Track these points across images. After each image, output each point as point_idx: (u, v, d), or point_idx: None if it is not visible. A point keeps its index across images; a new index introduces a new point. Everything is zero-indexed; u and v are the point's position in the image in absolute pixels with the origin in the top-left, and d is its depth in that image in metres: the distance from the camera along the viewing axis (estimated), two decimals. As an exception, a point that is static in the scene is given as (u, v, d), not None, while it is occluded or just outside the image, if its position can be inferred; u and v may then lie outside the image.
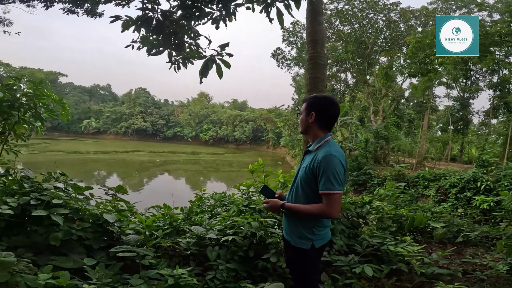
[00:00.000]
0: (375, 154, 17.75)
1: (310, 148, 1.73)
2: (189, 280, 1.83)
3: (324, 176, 1.52)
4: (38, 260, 1.92)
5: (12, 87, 4.24)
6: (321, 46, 3.33)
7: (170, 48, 2.55)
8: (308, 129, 1.73)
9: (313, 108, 1.71)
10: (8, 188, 2.37)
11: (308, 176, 1.62)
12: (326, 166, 1.52)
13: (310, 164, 1.61)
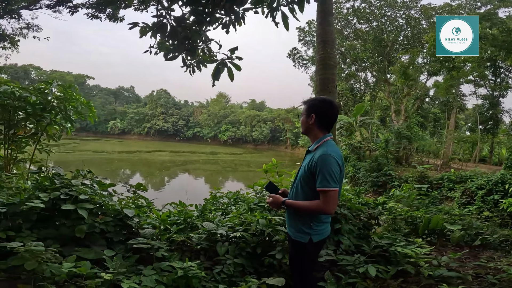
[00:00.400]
0: (396, 155, 17.17)
1: (310, 148, 1.84)
2: (197, 273, 1.96)
3: (321, 174, 1.62)
4: (64, 251, 2.13)
5: (44, 91, 4.65)
6: (331, 47, 3.32)
7: (183, 53, 2.70)
8: (309, 130, 1.83)
9: (313, 110, 1.80)
10: (40, 184, 2.63)
11: (307, 174, 1.71)
12: (323, 165, 1.62)
13: (309, 163, 1.71)
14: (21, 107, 4.31)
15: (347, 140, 17.99)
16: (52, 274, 1.67)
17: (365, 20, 18.22)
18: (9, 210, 2.20)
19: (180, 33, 2.55)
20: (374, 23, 18.19)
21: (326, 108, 1.80)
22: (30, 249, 1.67)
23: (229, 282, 2.12)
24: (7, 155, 4.71)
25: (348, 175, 16.98)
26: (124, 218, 2.53)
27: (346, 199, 3.16)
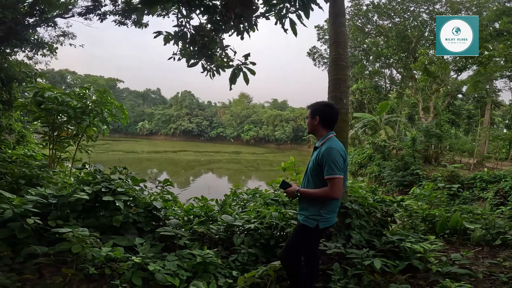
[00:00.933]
0: (425, 154, 16.44)
1: (317, 144, 2.10)
2: (214, 260, 2.21)
3: (327, 165, 1.88)
4: (102, 239, 2.48)
5: (83, 96, 5.18)
6: (343, 47, 3.35)
7: (202, 59, 2.96)
8: (314, 130, 2.13)
9: (317, 113, 2.11)
10: (83, 179, 3.02)
11: (315, 166, 1.98)
12: (328, 156, 1.89)
13: (317, 157, 1.98)
14: (64, 111, 4.84)
15: (370, 138, 17.52)
16: (92, 257, 1.98)
17: (386, 16, 17.57)
18: (58, 202, 2.58)
19: (199, 41, 2.81)
20: (396, 19, 17.48)
21: (327, 110, 2.10)
22: (78, 234, 2.00)
23: (242, 269, 2.34)
24: (52, 155, 5.31)
25: (372, 175, 16.58)
26: (153, 210, 2.85)
27: (358, 195, 3.26)
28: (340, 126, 3.14)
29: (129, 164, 26.50)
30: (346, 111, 3.36)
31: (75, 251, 1.98)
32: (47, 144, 5.34)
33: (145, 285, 2.03)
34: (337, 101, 3.23)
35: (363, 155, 18.46)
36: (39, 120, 5.23)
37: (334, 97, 3.27)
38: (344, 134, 3.24)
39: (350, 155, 19.98)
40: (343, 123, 3.23)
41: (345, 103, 3.33)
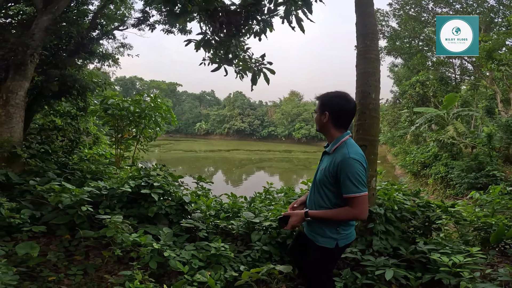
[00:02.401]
0: (505, 152, 13.93)
1: (327, 149, 1.69)
2: (228, 253, 2.37)
3: (347, 180, 1.50)
4: (139, 226, 2.87)
5: (139, 101, 5.96)
6: (371, 39, 3.15)
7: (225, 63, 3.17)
8: (324, 129, 1.70)
9: (327, 107, 1.65)
10: (132, 175, 3.53)
11: (327, 179, 1.59)
12: (347, 170, 1.50)
13: (329, 167, 1.59)
14: (124, 115, 5.65)
15: (435, 135, 15.59)
16: (122, 241, 2.34)
17: (444, 3, 15.38)
18: (109, 193, 3.10)
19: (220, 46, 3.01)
20: (457, 6, 15.16)
21: (341, 104, 1.64)
22: (112, 219, 2.39)
23: (252, 265, 2.45)
24: (118, 153, 6.25)
25: (437, 176, 14.75)
26: (184, 203, 3.18)
27: (390, 197, 3.04)
28: (369, 122, 3.02)
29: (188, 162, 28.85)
30: (376, 107, 3.15)
31: (109, 235, 2.37)
32: (113, 144, 6.32)
33: (161, 269, 2.32)
34: (366, 96, 3.09)
35: (426, 154, 16.56)
36: (107, 123, 6.21)
37: (362, 92, 3.12)
38: (373, 131, 3.06)
39: (412, 154, 18.13)
40: (372, 119, 3.06)
41: (374, 98, 3.14)
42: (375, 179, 2.92)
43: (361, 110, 3.03)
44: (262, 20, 2.94)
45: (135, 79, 65.81)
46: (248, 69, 3.09)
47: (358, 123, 3.05)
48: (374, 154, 2.97)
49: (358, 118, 3.05)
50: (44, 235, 2.93)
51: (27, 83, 5.01)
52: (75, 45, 5.73)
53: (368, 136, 2.97)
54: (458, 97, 15.60)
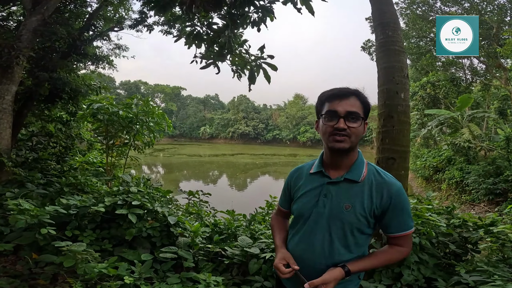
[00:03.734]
0: (525, 157, 13.14)
1: (349, 176, 1.15)
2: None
3: (404, 215, 1.13)
4: (114, 250, 2.40)
5: (130, 106, 5.51)
6: (392, 29, 2.65)
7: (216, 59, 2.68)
8: (355, 147, 1.18)
9: (367, 113, 1.17)
10: (110, 190, 3.06)
11: (366, 219, 1.12)
12: (404, 201, 1.12)
13: (369, 202, 1.12)
14: (113, 121, 5.20)
15: (449, 138, 14.88)
16: (84, 272, 1.86)
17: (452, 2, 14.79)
18: (79, 212, 2.62)
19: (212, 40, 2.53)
20: (465, 4, 14.55)
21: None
22: (71, 248, 1.91)
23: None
24: (109, 162, 5.80)
25: (452, 181, 14.00)
26: (169, 225, 2.68)
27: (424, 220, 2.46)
28: (398, 129, 2.44)
29: (193, 167, 28.74)
30: (406, 109, 2.54)
31: (67, 265, 1.92)
32: (104, 152, 5.87)
33: None
34: (392, 96, 2.52)
35: (439, 158, 15.84)
36: (97, 129, 5.77)
37: (387, 91, 2.56)
38: (404, 140, 2.46)
39: (423, 158, 17.43)
40: (402, 124, 2.48)
41: (404, 98, 2.54)
42: None
43: (387, 114, 2.47)
44: (261, 6, 2.44)
45: (140, 83, 66.13)
46: (245, 65, 2.59)
47: (384, 130, 2.47)
48: (404, 169, 2.41)
49: (383, 123, 2.48)
50: (14, 253, 2.66)
51: (15, 86, 4.71)
52: (66, 46, 5.37)
53: (397, 147, 2.41)
54: (472, 98, 14.89)
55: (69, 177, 3.85)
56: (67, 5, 6.02)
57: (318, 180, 1.20)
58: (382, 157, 2.41)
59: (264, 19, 2.58)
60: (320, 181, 1.19)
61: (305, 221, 1.18)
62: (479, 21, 14.92)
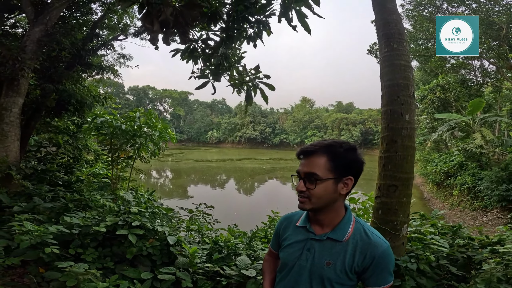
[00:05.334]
0: (540, 162, 12.70)
1: (332, 235, 1.12)
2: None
3: (385, 272, 1.10)
4: (116, 268, 2.43)
5: (133, 119, 5.59)
6: (398, 41, 2.50)
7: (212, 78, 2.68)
8: (332, 204, 1.11)
9: (353, 170, 1.09)
10: (112, 209, 3.11)
11: (347, 275, 1.10)
12: (389, 262, 1.09)
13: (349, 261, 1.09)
14: (116, 134, 5.29)
15: (460, 144, 14.53)
16: None
17: (458, 2, 14.50)
18: (82, 231, 2.66)
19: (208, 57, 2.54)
20: (473, 5, 14.24)
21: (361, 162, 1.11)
22: (73, 270, 1.94)
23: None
24: (114, 174, 5.87)
25: (464, 187, 13.63)
26: (168, 244, 2.70)
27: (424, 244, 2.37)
28: (402, 155, 2.31)
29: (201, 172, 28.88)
30: (411, 133, 2.39)
31: (69, 285, 1.94)
32: (109, 165, 5.96)
33: None
34: (396, 118, 2.38)
35: (450, 163, 15.46)
36: (102, 142, 5.87)
37: (391, 112, 2.41)
38: (407, 167, 2.33)
39: (433, 162, 17.06)
40: (406, 150, 2.33)
41: (409, 120, 2.38)
42: (406, 226, 2.28)
43: (390, 138, 2.35)
44: (256, 20, 2.41)
45: (148, 88, 67.01)
46: (241, 84, 2.57)
47: (386, 156, 2.36)
48: (407, 196, 2.30)
49: (385, 148, 2.37)
50: (22, 266, 2.71)
51: (21, 99, 4.78)
52: (70, 57, 5.48)
53: (399, 174, 2.30)
54: (484, 102, 14.53)
55: (74, 192, 3.92)
56: (73, 13, 6.10)
57: (304, 234, 1.18)
58: (384, 183, 2.32)
59: (260, 34, 2.55)
60: (305, 235, 1.17)
61: (289, 271, 1.18)
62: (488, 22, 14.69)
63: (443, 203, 14.54)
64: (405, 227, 2.24)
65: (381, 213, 2.29)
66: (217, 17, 2.50)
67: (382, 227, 2.21)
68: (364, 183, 14.71)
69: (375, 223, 2.30)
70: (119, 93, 57.52)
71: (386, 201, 2.29)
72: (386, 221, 2.25)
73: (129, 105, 53.88)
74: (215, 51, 2.52)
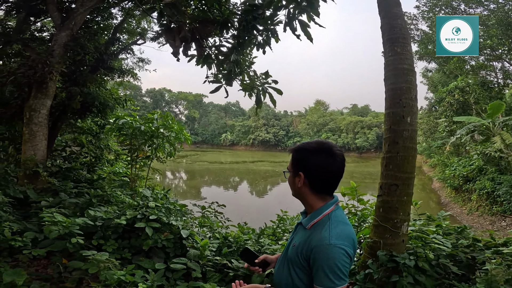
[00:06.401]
0: None
1: (304, 221, 1.25)
2: (221, 300, 2.03)
3: (320, 271, 1.13)
4: (132, 259, 2.66)
5: (151, 121, 5.90)
6: (402, 45, 2.58)
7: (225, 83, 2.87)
8: (299, 195, 1.27)
9: (301, 167, 1.22)
10: (131, 204, 3.36)
11: (299, 260, 1.21)
12: (322, 259, 1.12)
13: (302, 247, 1.20)
14: (136, 135, 5.61)
15: (479, 148, 14.06)
16: (106, 278, 2.10)
17: (477, 3, 14.06)
18: (104, 224, 2.92)
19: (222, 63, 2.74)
20: (491, 6, 13.76)
21: (322, 162, 1.19)
22: (95, 257, 2.17)
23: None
24: (133, 173, 6.21)
25: (482, 191, 13.17)
26: (182, 238, 2.90)
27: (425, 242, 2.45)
28: (403, 155, 2.43)
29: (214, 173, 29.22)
30: (412, 134, 2.51)
31: (91, 272, 2.17)
32: (129, 164, 6.31)
33: None
34: (398, 120, 2.50)
35: (469, 167, 14.98)
36: (123, 142, 6.23)
37: (394, 114, 2.54)
38: (408, 167, 2.44)
39: (452, 166, 16.55)
40: (407, 151, 2.45)
41: (410, 123, 2.51)
42: (407, 224, 2.38)
43: (391, 139, 2.47)
44: (264, 29, 2.60)
45: (164, 90, 68.68)
46: (251, 89, 2.76)
47: (388, 156, 2.48)
48: (407, 195, 2.40)
49: (387, 149, 2.49)
50: (46, 257, 2.93)
51: (49, 101, 5.05)
52: (94, 61, 5.79)
53: (400, 174, 2.41)
54: (504, 105, 14.00)
55: (97, 189, 4.22)
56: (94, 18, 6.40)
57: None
58: (385, 183, 2.43)
59: (269, 41, 2.74)
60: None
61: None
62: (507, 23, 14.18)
63: (461, 208, 14.08)
64: (405, 225, 2.33)
65: (382, 211, 2.40)
66: (229, 24, 2.71)
67: (383, 224, 2.32)
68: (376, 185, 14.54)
69: (377, 220, 2.41)
70: (137, 95, 59.25)
71: (387, 200, 2.40)
72: (387, 219, 2.35)
73: (146, 107, 55.44)
74: (227, 57, 2.71)
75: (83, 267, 2.52)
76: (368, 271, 2.21)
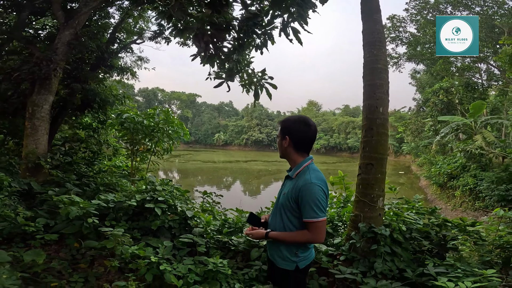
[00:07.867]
0: (541, 164, 12.84)
1: (290, 173, 1.70)
2: (225, 270, 2.34)
3: (307, 205, 1.54)
4: (142, 238, 2.93)
5: (152, 116, 6.15)
6: (378, 48, 2.99)
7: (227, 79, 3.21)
8: (286, 154, 1.72)
9: (287, 132, 1.68)
10: (140, 188, 3.63)
11: (289, 203, 1.61)
12: (308, 195, 1.53)
13: (291, 191, 1.61)
14: (138, 129, 5.85)
15: (461, 145, 14.74)
16: (121, 253, 2.39)
17: (463, 6, 14.79)
18: (116, 206, 3.20)
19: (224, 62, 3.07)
20: (476, 9, 14.50)
21: (302, 129, 1.66)
22: (113, 232, 2.46)
23: (249, 284, 2.39)
24: (133, 166, 6.46)
25: (466, 187, 13.85)
26: (187, 218, 3.21)
27: (398, 217, 2.86)
28: (376, 139, 2.88)
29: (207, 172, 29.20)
30: (384, 122, 2.97)
31: (109, 246, 2.44)
32: (129, 157, 6.54)
33: (158, 281, 2.33)
34: (373, 110, 2.95)
35: (453, 165, 15.67)
36: (124, 136, 6.46)
37: (369, 106, 3.00)
38: (381, 149, 2.89)
39: (438, 165, 17.24)
40: (380, 135, 2.90)
41: (382, 112, 2.98)
42: (382, 199, 2.76)
43: (368, 126, 2.88)
44: (262, 33, 2.96)
45: (157, 90, 68.26)
46: (250, 84, 3.12)
47: (365, 140, 2.89)
48: (381, 173, 2.80)
49: (364, 134, 2.90)
50: (56, 243, 3.09)
51: (52, 96, 5.20)
52: (95, 59, 5.96)
53: (375, 154, 2.81)
54: (485, 104, 14.73)
55: (103, 177, 4.46)
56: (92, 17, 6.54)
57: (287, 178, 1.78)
58: (363, 162, 2.86)
59: (266, 44, 3.11)
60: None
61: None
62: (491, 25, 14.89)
63: (446, 204, 14.71)
64: (380, 200, 2.73)
65: (361, 187, 2.82)
66: (230, 27, 3.05)
67: (362, 199, 2.72)
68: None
69: (357, 196, 2.82)
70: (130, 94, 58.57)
71: (364, 177, 2.82)
72: (365, 194, 2.75)
73: (139, 106, 54.91)
74: (229, 57, 3.06)
75: (97, 246, 2.76)
76: (352, 242, 2.58)
